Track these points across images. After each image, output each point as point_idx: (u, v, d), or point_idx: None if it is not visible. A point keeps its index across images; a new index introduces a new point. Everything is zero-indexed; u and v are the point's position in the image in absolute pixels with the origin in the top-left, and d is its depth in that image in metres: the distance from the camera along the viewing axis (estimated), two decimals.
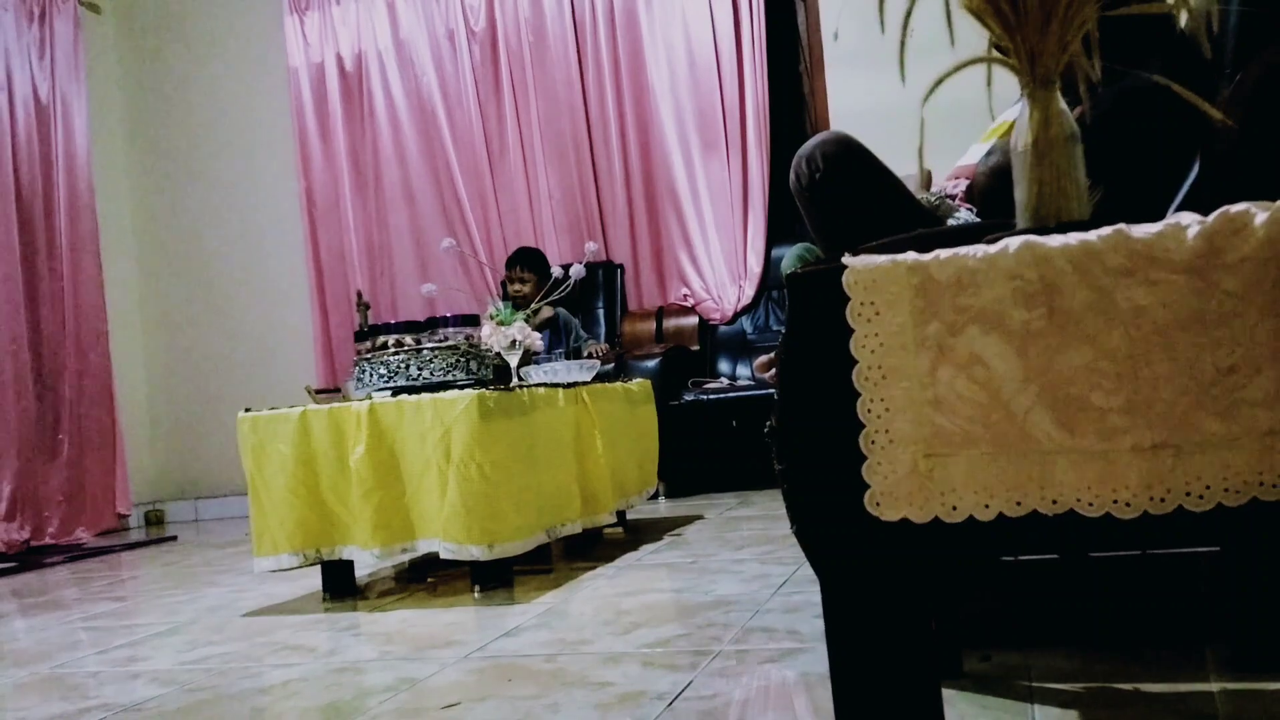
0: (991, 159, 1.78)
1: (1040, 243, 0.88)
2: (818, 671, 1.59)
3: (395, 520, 2.58)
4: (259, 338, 5.73)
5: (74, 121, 5.38)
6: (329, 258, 5.59)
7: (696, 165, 5.05)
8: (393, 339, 2.83)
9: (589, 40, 5.18)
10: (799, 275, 0.96)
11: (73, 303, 5.24)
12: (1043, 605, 1.88)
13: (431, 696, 1.68)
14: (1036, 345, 0.87)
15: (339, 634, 2.27)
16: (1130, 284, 0.86)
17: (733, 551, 2.83)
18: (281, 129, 5.69)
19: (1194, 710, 1.27)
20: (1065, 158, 0.99)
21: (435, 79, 5.39)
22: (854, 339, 0.91)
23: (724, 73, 4.98)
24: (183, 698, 1.84)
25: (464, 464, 2.46)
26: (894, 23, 1.06)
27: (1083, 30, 1.00)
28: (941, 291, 0.90)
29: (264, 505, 2.68)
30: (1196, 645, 1.52)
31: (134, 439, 5.70)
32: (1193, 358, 0.85)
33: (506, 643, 2.01)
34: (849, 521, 0.92)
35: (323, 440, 2.64)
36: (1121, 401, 0.86)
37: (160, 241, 5.91)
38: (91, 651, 2.33)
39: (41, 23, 5.30)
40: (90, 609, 2.96)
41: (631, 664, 1.76)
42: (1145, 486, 0.86)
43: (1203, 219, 0.86)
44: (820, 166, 1.53)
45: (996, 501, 0.89)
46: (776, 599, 2.15)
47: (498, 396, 2.54)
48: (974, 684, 1.44)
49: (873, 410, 0.91)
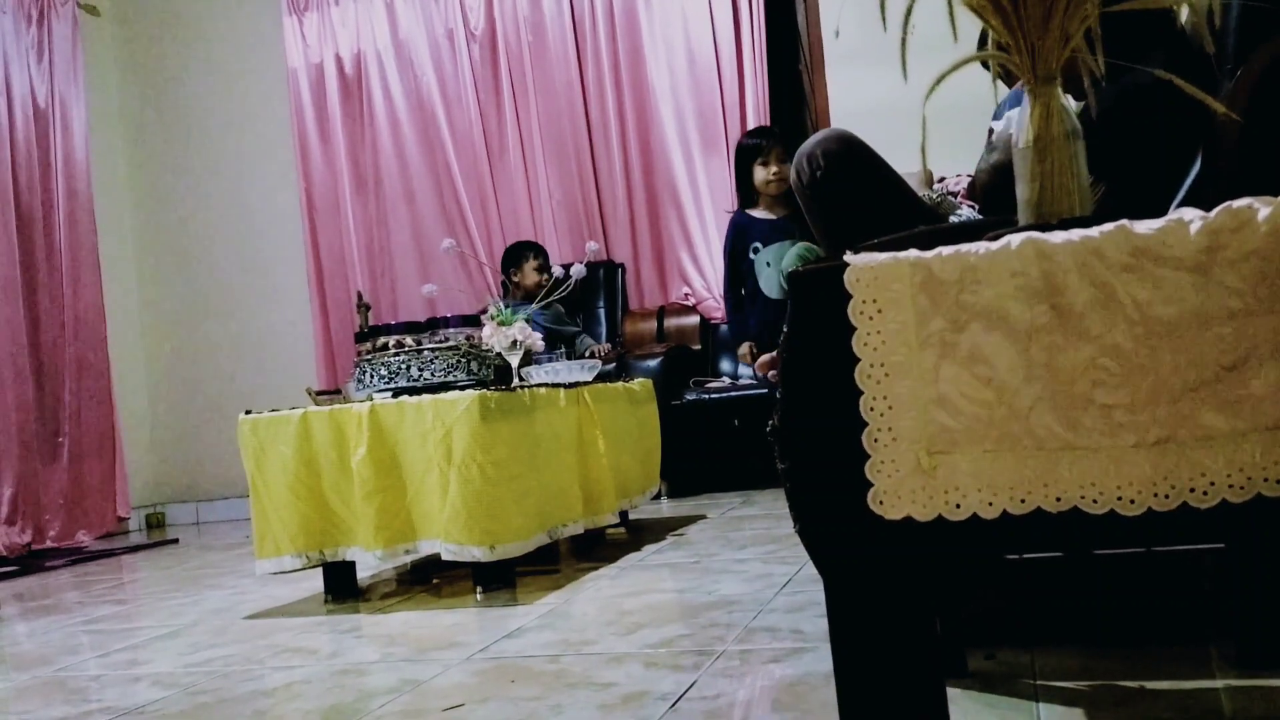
0: (993, 156, 1.77)
1: (1043, 239, 0.88)
2: (822, 671, 1.58)
3: (397, 521, 2.57)
4: (259, 339, 5.73)
5: (73, 124, 5.38)
6: (329, 259, 5.59)
7: (697, 164, 5.05)
8: (393, 340, 2.83)
9: (589, 40, 5.17)
10: (801, 274, 0.96)
11: (72, 306, 5.24)
12: (1047, 603, 1.88)
13: (434, 698, 1.67)
14: (1039, 342, 0.87)
15: (341, 636, 2.27)
16: (1133, 280, 0.86)
17: (735, 551, 2.82)
18: (281, 130, 5.69)
19: (1199, 707, 1.26)
20: (1067, 154, 0.99)
21: (435, 79, 5.39)
22: (856, 337, 0.91)
23: (724, 71, 4.97)
24: (185, 700, 1.83)
25: (465, 465, 2.46)
26: (895, 20, 1.06)
27: (1084, 26, 0.99)
28: (944, 289, 0.89)
29: (265, 507, 2.68)
30: (1201, 642, 1.51)
31: (135, 442, 5.70)
32: (1196, 354, 0.85)
33: (509, 644, 2.00)
34: (852, 520, 0.92)
35: (324, 442, 2.64)
36: (1125, 398, 0.85)
37: (160, 244, 5.91)
38: (93, 655, 2.33)
39: (40, 25, 5.29)
40: (92, 612, 2.96)
41: (635, 664, 1.76)
42: (1149, 483, 0.85)
43: (1205, 215, 0.86)
44: (822, 165, 1.52)
45: (1000, 499, 0.88)
46: (780, 598, 2.15)
47: (499, 397, 2.54)
48: (979, 683, 1.44)
49: (875, 408, 0.90)
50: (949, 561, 1.34)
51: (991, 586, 1.97)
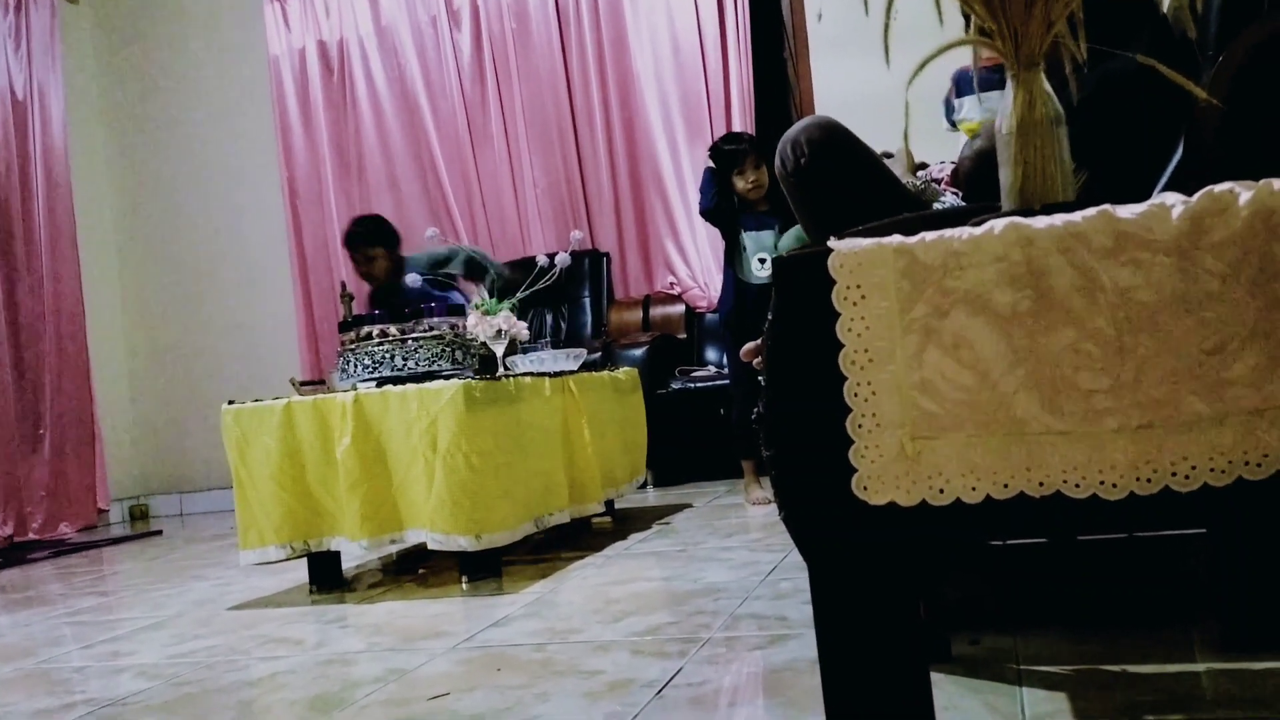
0: (976, 143, 1.77)
1: (1026, 224, 0.88)
2: (807, 657, 1.59)
3: (383, 511, 2.57)
4: (242, 329, 5.69)
5: (51, 112, 5.33)
6: (312, 247, 5.56)
7: (682, 152, 5.04)
8: (377, 329, 2.81)
9: (572, 26, 5.15)
10: (785, 260, 0.96)
11: (52, 295, 5.19)
12: (1031, 588, 1.89)
13: (420, 687, 1.67)
14: (1023, 327, 0.87)
15: (326, 626, 2.26)
16: (1115, 265, 0.86)
17: (721, 539, 2.83)
18: (262, 117, 5.64)
19: (1182, 690, 1.27)
20: (1050, 140, 0.99)
21: (418, 66, 5.36)
22: (840, 323, 0.91)
23: (708, 58, 4.96)
24: (169, 691, 1.83)
25: (451, 454, 2.45)
26: (878, 6, 1.06)
27: (1066, 11, 0.99)
28: (927, 274, 0.89)
29: (249, 498, 2.67)
30: (1184, 626, 1.53)
31: (117, 433, 5.66)
32: (1178, 338, 0.85)
33: (495, 632, 2.00)
34: (836, 505, 0.92)
35: (308, 432, 2.62)
36: (1108, 382, 0.86)
37: (140, 232, 5.87)
38: (76, 646, 2.32)
39: (18, 12, 5.23)
40: (75, 604, 2.94)
41: (621, 652, 1.76)
42: (1132, 467, 0.86)
43: (1187, 199, 0.86)
44: (805, 152, 1.52)
45: (984, 484, 0.88)
46: (765, 586, 2.15)
47: (484, 386, 2.53)
48: (963, 667, 1.44)
49: (859, 394, 0.90)
50: (933, 546, 1.35)
51: (975, 572, 1.98)
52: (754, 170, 3.46)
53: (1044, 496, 0.87)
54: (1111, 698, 1.27)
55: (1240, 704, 1.21)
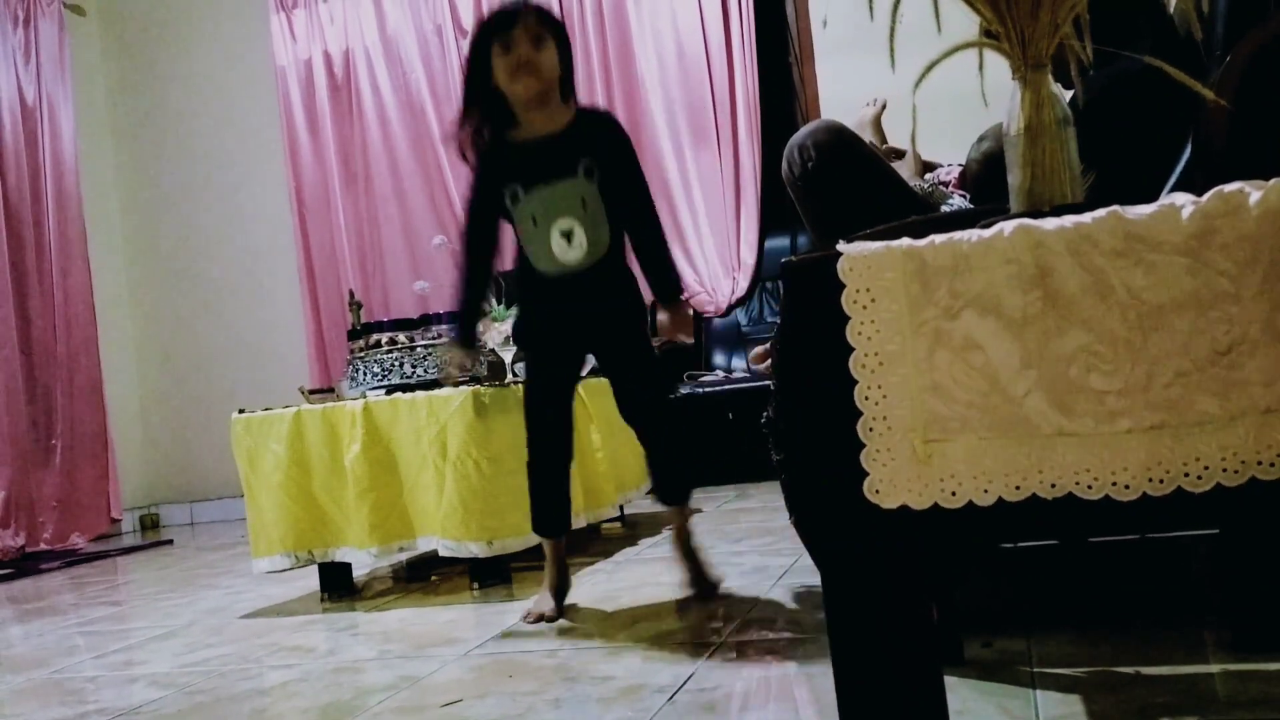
0: (984, 145, 1.78)
1: (1035, 226, 0.88)
2: (819, 661, 1.59)
3: (392, 519, 2.57)
4: (251, 338, 5.71)
5: (61, 124, 5.35)
6: (320, 256, 5.57)
7: (688, 157, 5.04)
8: (386, 337, 2.82)
9: (577, 32, 5.16)
10: (794, 264, 0.96)
11: (63, 307, 5.21)
12: (1043, 591, 1.88)
13: (432, 694, 1.67)
14: (1033, 329, 0.87)
15: (337, 634, 2.26)
16: (1125, 266, 0.86)
17: (731, 544, 2.82)
18: (270, 128, 5.66)
19: (1194, 691, 1.27)
20: (1058, 141, 0.99)
21: (424, 75, 5.37)
22: (850, 326, 0.91)
23: (713, 64, 4.96)
24: (181, 700, 1.83)
25: (461, 461, 2.45)
26: (883, 9, 1.06)
27: (1073, 13, 0.99)
28: (937, 277, 0.89)
29: (260, 507, 2.67)
30: (1197, 627, 1.52)
31: (127, 443, 5.68)
32: (1189, 338, 0.85)
33: (506, 639, 2.00)
34: (848, 510, 0.92)
35: (317, 440, 2.63)
36: (1119, 383, 0.86)
37: (150, 243, 5.89)
38: (89, 656, 2.33)
39: (26, 26, 5.26)
40: (87, 614, 2.95)
41: (632, 658, 1.76)
42: (1144, 468, 0.85)
43: (1197, 200, 0.86)
44: (813, 155, 1.52)
45: (995, 486, 0.88)
46: (776, 590, 2.15)
47: (493, 393, 2.54)
48: (976, 670, 1.44)
49: (870, 397, 0.90)
50: (945, 550, 1.34)
51: (988, 575, 1.97)
52: (529, 44, 2.01)
53: (1056, 498, 0.87)
54: (1125, 699, 1.27)
55: (1254, 705, 1.20)
